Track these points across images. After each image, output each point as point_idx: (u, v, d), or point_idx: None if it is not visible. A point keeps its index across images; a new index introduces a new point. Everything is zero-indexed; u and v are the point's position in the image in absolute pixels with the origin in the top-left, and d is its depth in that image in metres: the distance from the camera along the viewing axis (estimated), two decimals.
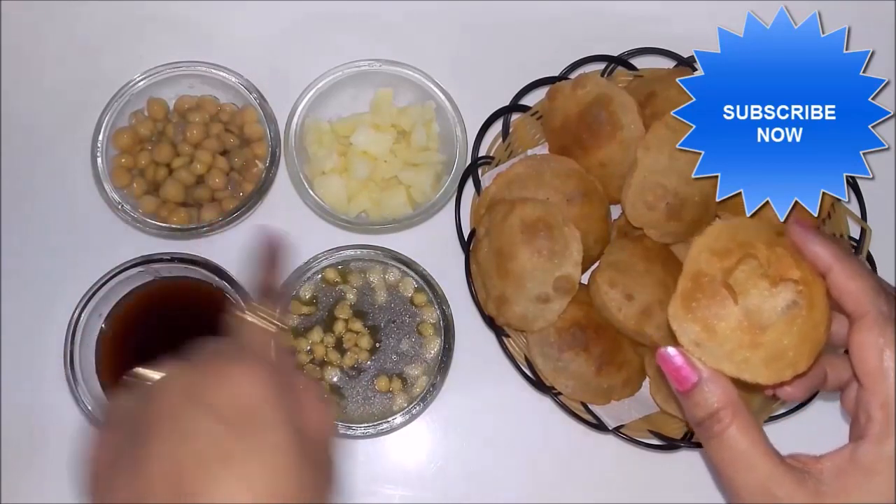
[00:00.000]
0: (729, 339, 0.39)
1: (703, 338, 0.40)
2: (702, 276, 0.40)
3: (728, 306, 0.39)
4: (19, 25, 0.71)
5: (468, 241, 0.64)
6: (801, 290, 0.39)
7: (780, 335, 0.39)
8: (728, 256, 0.40)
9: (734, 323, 0.39)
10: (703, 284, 0.40)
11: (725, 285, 0.40)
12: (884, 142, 0.52)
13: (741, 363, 0.39)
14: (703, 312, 0.40)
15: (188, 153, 0.65)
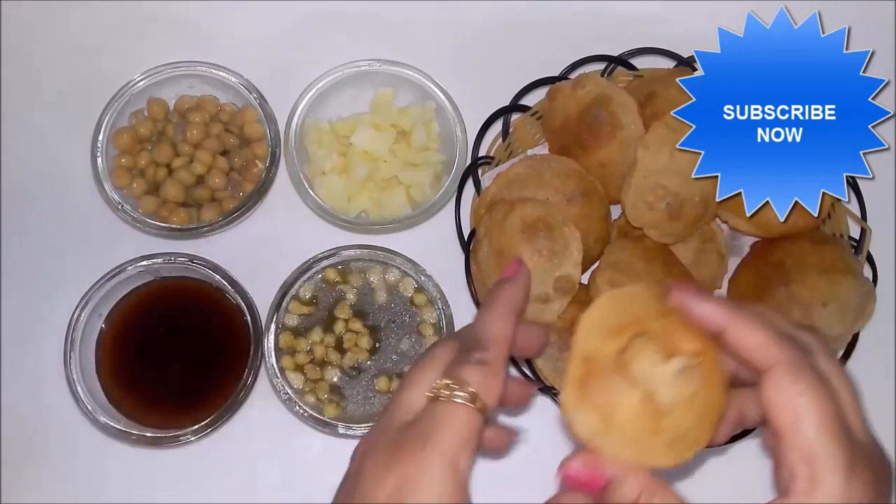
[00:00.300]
0: (629, 428, 0.36)
1: (601, 428, 0.36)
2: (594, 359, 0.37)
3: (624, 392, 0.36)
4: (19, 25, 0.71)
5: (468, 241, 0.64)
6: (699, 364, 0.37)
7: (680, 417, 0.36)
8: (620, 334, 0.37)
9: (633, 411, 0.36)
10: (597, 369, 0.37)
11: (619, 368, 0.36)
12: (884, 142, 0.52)
13: (643, 451, 0.36)
14: (599, 400, 0.36)
15: (188, 153, 0.65)
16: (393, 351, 0.63)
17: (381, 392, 0.62)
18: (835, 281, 0.59)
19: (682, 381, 0.36)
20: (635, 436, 0.36)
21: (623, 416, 0.36)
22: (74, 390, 0.60)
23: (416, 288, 0.64)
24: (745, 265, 0.65)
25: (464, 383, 0.37)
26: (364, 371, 0.63)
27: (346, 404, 0.62)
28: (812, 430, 0.35)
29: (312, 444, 0.64)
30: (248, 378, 0.60)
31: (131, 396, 0.62)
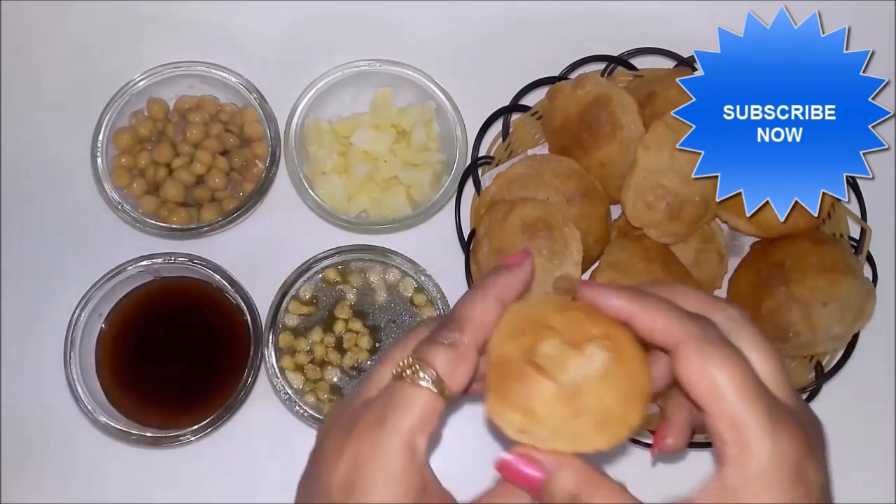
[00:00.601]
0: (551, 417, 0.37)
1: (526, 423, 0.37)
2: (505, 363, 0.38)
3: (539, 384, 0.37)
4: (19, 25, 0.71)
5: (468, 241, 0.64)
6: (606, 345, 0.38)
7: (598, 396, 0.37)
8: (524, 335, 0.38)
9: (550, 398, 0.37)
10: (509, 371, 0.38)
11: (531, 363, 0.37)
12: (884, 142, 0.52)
13: (573, 437, 0.38)
14: (518, 398, 0.37)
15: (188, 153, 0.65)
16: None
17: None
18: (835, 281, 0.59)
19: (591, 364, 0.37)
20: (560, 423, 0.37)
21: (542, 408, 0.37)
22: (74, 390, 0.60)
23: (416, 288, 0.64)
24: (745, 265, 0.65)
25: (428, 365, 0.37)
26: (364, 371, 0.63)
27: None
28: (729, 397, 0.35)
29: (312, 444, 0.64)
30: (248, 378, 0.60)
31: (131, 396, 0.62)
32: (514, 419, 0.37)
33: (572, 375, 0.37)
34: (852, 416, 0.65)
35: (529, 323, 0.39)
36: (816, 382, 0.61)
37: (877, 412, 0.66)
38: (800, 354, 0.62)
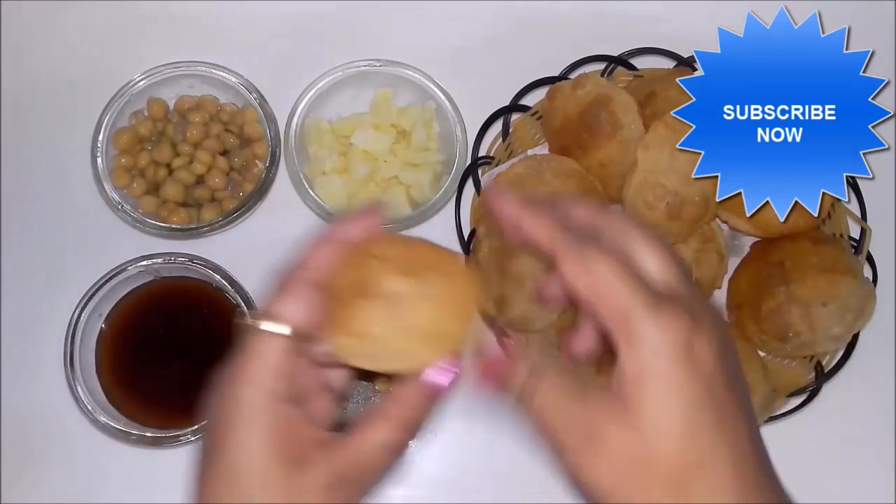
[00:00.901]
0: (381, 337, 0.40)
1: (358, 346, 0.40)
2: (337, 292, 0.41)
3: (366, 308, 0.40)
4: (19, 25, 0.71)
5: (468, 241, 0.64)
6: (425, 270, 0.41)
7: (424, 315, 0.40)
8: (355, 266, 0.41)
9: (378, 320, 0.40)
10: (340, 299, 0.40)
11: (359, 290, 0.40)
12: (884, 142, 0.52)
13: (404, 355, 0.41)
14: (349, 323, 0.40)
15: (188, 153, 0.65)
16: None
17: (381, 392, 0.62)
18: (835, 281, 0.59)
19: (416, 286, 0.40)
20: (389, 343, 0.40)
21: (372, 330, 0.40)
22: (74, 390, 0.59)
23: None
24: (745, 265, 0.65)
25: (267, 310, 0.40)
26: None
27: (346, 404, 0.62)
28: (608, 289, 0.37)
29: None
30: None
31: (131, 396, 0.62)
32: (347, 343, 0.40)
33: (399, 299, 0.40)
34: (852, 416, 0.65)
35: (361, 254, 0.41)
36: (816, 382, 0.61)
37: (877, 412, 0.66)
38: (800, 354, 0.62)
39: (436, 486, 0.64)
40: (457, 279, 0.42)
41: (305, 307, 0.40)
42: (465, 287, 0.42)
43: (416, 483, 0.64)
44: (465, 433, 0.65)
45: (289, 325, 0.40)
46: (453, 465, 0.65)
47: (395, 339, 0.40)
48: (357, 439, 0.41)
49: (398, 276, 0.41)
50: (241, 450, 0.39)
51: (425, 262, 0.42)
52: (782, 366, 0.64)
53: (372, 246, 0.42)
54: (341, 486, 0.41)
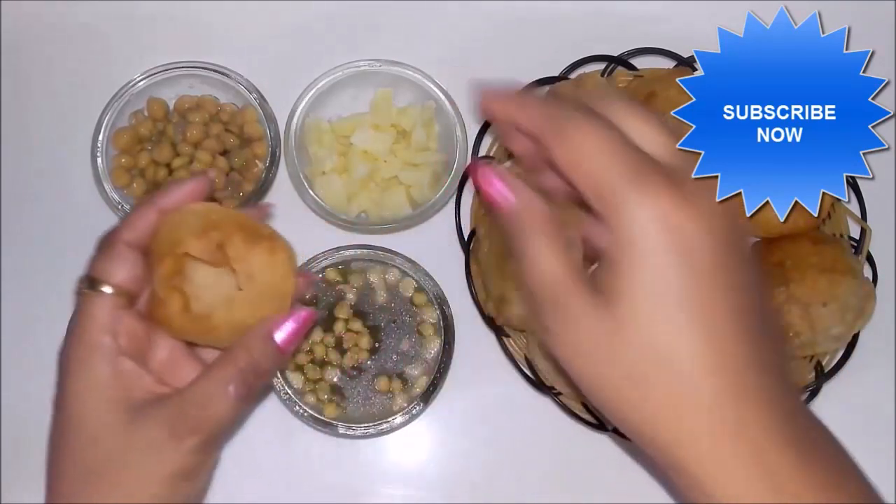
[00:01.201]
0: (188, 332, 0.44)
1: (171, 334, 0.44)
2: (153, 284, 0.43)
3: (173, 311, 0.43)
4: (19, 25, 0.71)
5: (468, 241, 0.64)
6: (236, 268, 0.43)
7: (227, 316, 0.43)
8: (163, 262, 0.43)
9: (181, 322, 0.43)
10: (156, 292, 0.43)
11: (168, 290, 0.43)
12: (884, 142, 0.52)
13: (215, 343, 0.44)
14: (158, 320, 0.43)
15: (188, 153, 0.65)
16: (393, 351, 0.63)
17: (381, 392, 0.62)
18: (835, 281, 0.59)
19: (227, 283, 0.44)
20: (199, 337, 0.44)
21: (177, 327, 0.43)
22: None
23: (416, 288, 0.64)
24: None
25: (91, 271, 0.43)
26: (364, 371, 0.63)
27: (346, 404, 0.62)
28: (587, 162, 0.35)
29: (312, 444, 0.64)
30: None
31: None
32: (164, 330, 0.44)
33: (206, 296, 0.43)
34: (852, 416, 0.65)
35: (170, 247, 0.43)
36: (816, 382, 0.61)
37: (877, 412, 0.66)
38: (800, 354, 0.62)
39: (435, 487, 0.64)
40: (274, 267, 0.44)
41: (124, 267, 0.42)
42: (276, 279, 0.44)
43: (415, 483, 0.64)
44: (465, 433, 0.65)
45: (109, 285, 0.42)
46: (454, 466, 0.65)
47: (202, 336, 0.44)
48: (198, 383, 0.42)
49: (209, 271, 0.44)
50: (78, 401, 0.41)
51: (235, 255, 0.43)
52: None
53: (185, 236, 0.43)
54: (185, 429, 0.41)
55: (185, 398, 0.42)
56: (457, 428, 0.65)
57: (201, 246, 0.43)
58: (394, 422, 0.61)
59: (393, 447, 0.65)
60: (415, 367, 0.63)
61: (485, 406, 0.66)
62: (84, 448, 0.41)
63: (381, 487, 0.64)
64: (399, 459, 0.65)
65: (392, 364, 0.63)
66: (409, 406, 0.62)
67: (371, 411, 0.62)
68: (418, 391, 0.62)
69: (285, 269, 0.45)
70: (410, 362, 0.63)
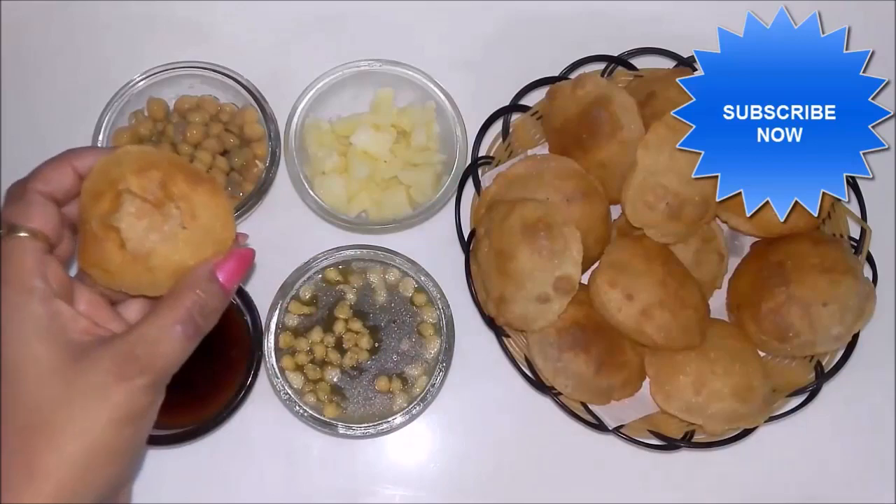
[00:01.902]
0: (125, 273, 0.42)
1: (106, 279, 0.42)
2: (85, 225, 0.42)
3: (111, 248, 0.41)
4: (19, 25, 0.71)
5: (468, 241, 0.64)
6: (179, 206, 0.42)
7: (168, 255, 0.42)
8: (102, 197, 0.42)
9: (120, 260, 0.42)
10: (88, 232, 0.42)
11: (105, 227, 0.41)
12: (884, 142, 0.52)
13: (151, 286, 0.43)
14: (96, 260, 0.42)
15: (188, 153, 0.65)
16: (393, 351, 0.63)
17: (381, 392, 0.62)
18: (835, 281, 0.59)
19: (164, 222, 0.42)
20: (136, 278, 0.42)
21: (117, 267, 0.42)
22: None
23: (416, 288, 0.64)
24: (745, 265, 0.65)
25: (5, 219, 0.42)
26: (365, 371, 0.63)
27: (346, 404, 0.62)
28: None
29: (312, 444, 0.64)
30: (248, 378, 0.60)
31: None
32: (97, 275, 0.43)
33: (146, 234, 0.42)
34: (852, 416, 0.65)
35: (109, 185, 0.42)
36: (816, 382, 0.61)
37: (877, 412, 0.66)
38: (800, 354, 0.62)
39: (435, 487, 0.64)
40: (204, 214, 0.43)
41: (40, 213, 0.42)
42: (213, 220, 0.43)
43: (415, 483, 0.64)
44: (465, 433, 0.65)
45: (27, 231, 0.41)
46: (454, 466, 0.65)
47: (139, 276, 0.42)
48: (144, 323, 0.42)
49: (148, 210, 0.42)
50: (17, 345, 0.39)
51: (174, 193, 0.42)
52: (782, 366, 0.64)
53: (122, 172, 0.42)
54: (134, 369, 0.40)
55: (131, 339, 0.40)
56: (457, 428, 0.65)
57: (142, 183, 0.42)
58: (394, 422, 0.61)
59: (393, 447, 0.65)
60: (415, 367, 0.63)
61: (485, 406, 0.66)
62: (26, 393, 0.39)
63: (381, 487, 0.64)
64: (399, 459, 0.65)
65: (392, 364, 0.63)
66: (409, 406, 0.62)
67: (371, 411, 0.62)
68: (418, 391, 0.62)
69: (226, 214, 0.44)
70: (410, 362, 0.63)
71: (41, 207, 0.42)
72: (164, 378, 0.42)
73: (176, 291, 0.42)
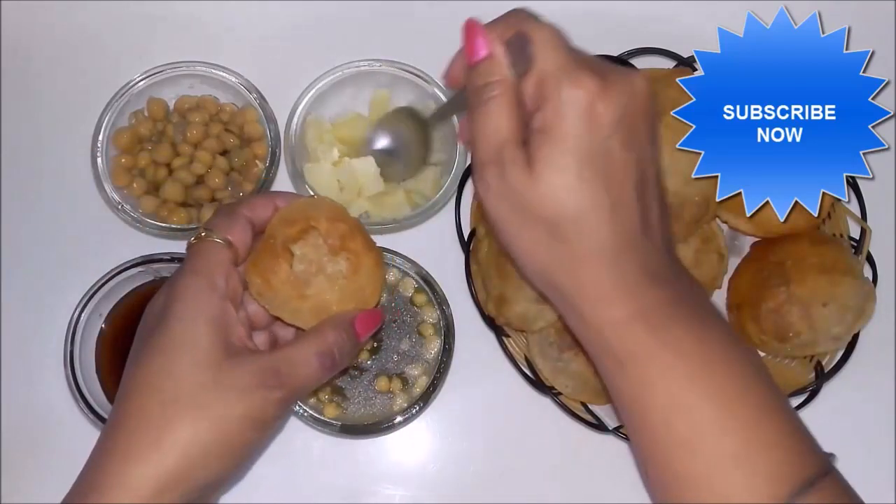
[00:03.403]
0: (281, 291, 0.47)
1: (262, 289, 0.47)
2: (268, 239, 0.48)
3: (282, 265, 0.47)
4: (19, 25, 0.71)
5: (468, 241, 0.64)
6: (349, 259, 0.48)
7: (321, 292, 0.48)
8: (293, 225, 0.48)
9: (284, 278, 0.47)
10: (267, 246, 0.48)
11: (284, 248, 0.48)
12: (884, 142, 0.52)
13: (294, 312, 0.48)
14: (263, 269, 0.47)
15: (188, 153, 0.65)
16: (394, 351, 0.63)
17: (381, 392, 0.62)
18: (835, 281, 0.59)
19: (330, 265, 0.48)
20: (286, 299, 0.48)
21: (276, 282, 0.47)
22: (74, 390, 0.59)
23: (416, 288, 0.64)
24: (745, 265, 0.65)
25: (210, 227, 0.48)
26: (365, 371, 0.63)
27: (346, 405, 0.62)
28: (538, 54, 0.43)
29: (312, 444, 0.64)
30: None
31: None
32: (255, 282, 0.48)
33: (310, 269, 0.48)
34: (852, 416, 0.65)
35: (304, 219, 0.48)
36: (816, 382, 0.61)
37: (877, 412, 0.66)
38: (800, 354, 0.62)
39: (435, 487, 0.64)
40: (364, 273, 0.49)
41: (240, 229, 0.48)
42: (368, 280, 0.49)
43: (415, 483, 0.64)
44: (465, 433, 0.65)
45: (225, 239, 0.47)
46: (454, 466, 0.65)
47: (289, 300, 0.48)
48: (289, 347, 0.47)
49: (323, 251, 0.48)
50: (188, 321, 0.44)
51: (348, 247, 0.49)
52: (782, 366, 0.64)
53: (317, 213, 0.49)
54: (274, 382, 0.44)
55: (276, 356, 0.45)
56: (457, 428, 0.65)
57: (329, 228, 0.48)
58: (394, 422, 0.61)
59: (393, 447, 0.65)
60: (415, 367, 0.63)
61: (485, 406, 0.66)
62: (180, 369, 0.43)
63: (381, 487, 0.64)
64: (399, 459, 0.65)
65: (392, 364, 0.63)
66: (409, 406, 0.62)
67: (371, 411, 0.62)
68: (418, 391, 0.62)
69: (378, 283, 0.50)
70: (411, 362, 0.63)
71: (242, 225, 0.48)
72: (295, 398, 0.47)
73: (320, 328, 0.48)
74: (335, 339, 0.47)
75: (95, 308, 0.61)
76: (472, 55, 0.45)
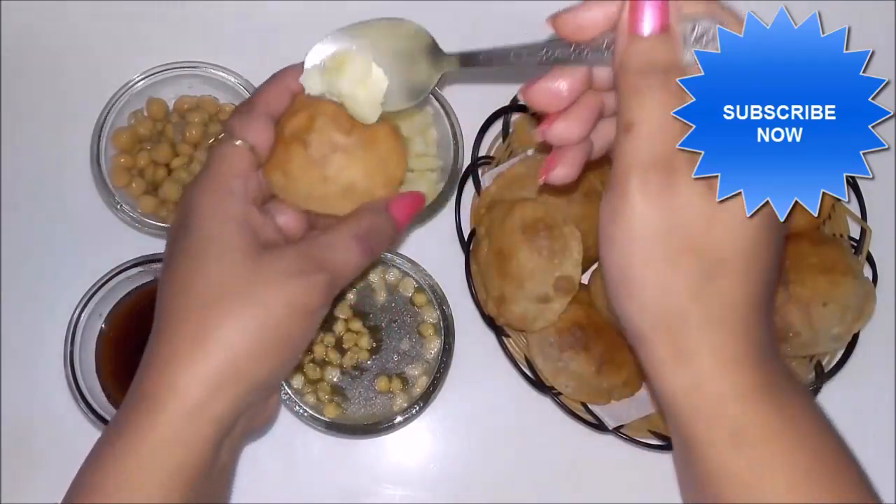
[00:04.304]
0: (301, 179, 0.45)
1: (283, 181, 0.46)
2: (280, 133, 0.46)
3: (296, 150, 0.45)
4: (19, 25, 0.71)
5: (468, 241, 0.64)
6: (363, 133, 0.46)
7: (342, 168, 0.46)
8: (300, 114, 0.46)
9: (301, 163, 0.45)
10: (280, 139, 0.46)
11: (294, 137, 0.45)
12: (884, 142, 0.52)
13: (322, 199, 0.46)
14: (281, 161, 0.45)
15: (187, 153, 0.65)
16: (393, 351, 0.63)
17: (381, 392, 0.62)
18: (835, 281, 0.59)
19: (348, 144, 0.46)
20: (310, 186, 0.46)
21: (296, 170, 0.45)
22: (74, 390, 0.59)
23: (416, 288, 0.64)
24: None
25: (229, 128, 0.45)
26: (365, 371, 0.63)
27: (346, 405, 0.62)
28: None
29: (312, 444, 0.64)
30: None
31: None
32: (275, 178, 0.46)
33: (327, 149, 0.46)
34: (852, 416, 0.65)
35: (309, 104, 0.46)
36: (816, 382, 0.61)
37: (877, 412, 0.66)
38: (800, 354, 0.62)
39: (435, 487, 0.64)
40: (384, 147, 0.47)
41: (259, 128, 0.45)
42: (391, 155, 0.47)
43: (415, 483, 0.64)
44: (465, 433, 0.65)
45: (243, 140, 0.45)
46: (454, 466, 0.65)
47: (314, 185, 0.46)
48: (325, 232, 0.45)
49: (336, 133, 0.46)
50: (215, 221, 0.42)
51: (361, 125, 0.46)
52: None
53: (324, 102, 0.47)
54: (313, 266, 0.42)
55: (311, 243, 0.44)
56: (457, 428, 0.65)
57: (337, 111, 0.46)
58: (394, 422, 0.61)
59: (393, 447, 0.65)
60: (415, 367, 0.63)
61: (485, 406, 0.66)
62: (214, 268, 0.41)
63: (381, 487, 0.64)
64: (399, 459, 0.65)
65: (392, 364, 0.63)
66: (409, 406, 0.62)
67: (371, 411, 0.62)
68: (418, 391, 0.62)
69: (401, 154, 0.47)
70: (410, 362, 0.63)
71: (262, 124, 0.45)
72: (338, 282, 0.44)
73: (355, 212, 0.46)
74: (371, 222, 0.45)
75: (95, 308, 0.61)
76: (635, 22, 0.40)
